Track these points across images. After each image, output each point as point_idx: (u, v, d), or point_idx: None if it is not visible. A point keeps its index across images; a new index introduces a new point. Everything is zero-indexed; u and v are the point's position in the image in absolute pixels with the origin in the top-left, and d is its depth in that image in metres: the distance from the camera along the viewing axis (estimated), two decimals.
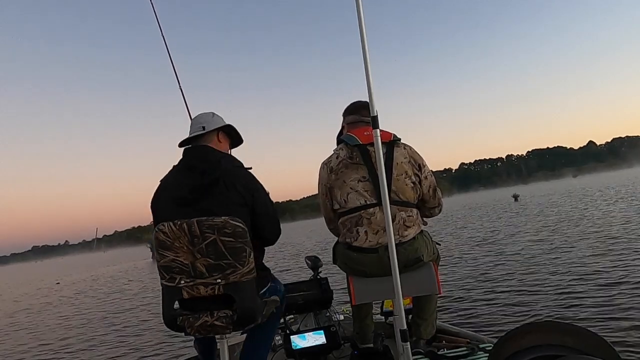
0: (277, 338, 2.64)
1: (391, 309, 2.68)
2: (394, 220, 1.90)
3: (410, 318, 2.38)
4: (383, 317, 2.89)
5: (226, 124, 2.04)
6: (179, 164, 1.91)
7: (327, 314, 2.91)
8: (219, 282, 1.66)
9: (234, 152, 2.12)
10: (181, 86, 2.81)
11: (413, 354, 1.92)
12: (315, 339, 2.39)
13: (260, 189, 1.89)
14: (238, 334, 2.53)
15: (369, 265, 1.98)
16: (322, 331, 2.41)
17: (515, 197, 35.06)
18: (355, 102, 2.26)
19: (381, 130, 1.81)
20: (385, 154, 1.97)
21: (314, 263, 2.95)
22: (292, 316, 2.97)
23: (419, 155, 2.10)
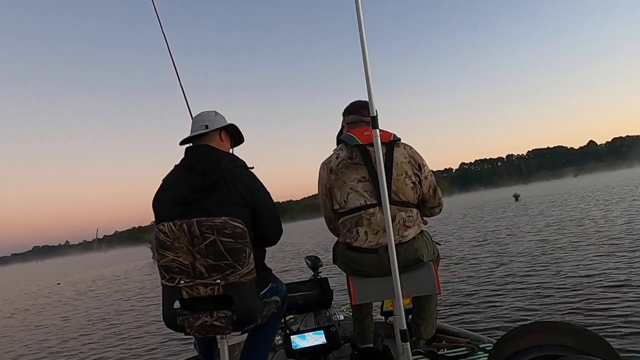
0: (277, 338, 2.64)
1: (391, 309, 2.68)
2: (393, 221, 1.90)
3: (410, 318, 2.38)
4: (383, 317, 2.89)
5: (229, 124, 2.03)
6: (180, 164, 1.91)
7: (327, 314, 2.90)
8: (219, 283, 1.66)
9: (235, 152, 2.12)
10: (182, 85, 2.81)
11: (413, 354, 1.92)
12: (315, 339, 2.39)
13: (261, 189, 1.89)
14: (238, 334, 2.53)
15: (369, 266, 1.98)
16: (322, 331, 2.41)
17: (516, 196, 35.02)
18: (355, 101, 2.26)
19: (381, 130, 1.80)
20: (385, 154, 1.96)
21: (314, 263, 2.95)
22: (292, 316, 2.97)
23: (419, 155, 2.10)
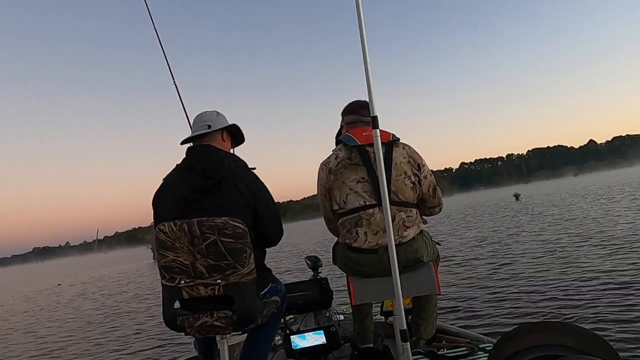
0: (277, 338, 2.64)
1: (391, 309, 2.68)
2: (393, 221, 1.90)
3: (410, 318, 2.37)
4: (383, 317, 2.89)
5: (231, 124, 2.04)
6: (181, 163, 1.91)
7: (327, 314, 2.90)
8: (219, 283, 1.67)
9: (235, 152, 2.12)
10: (177, 85, 2.80)
11: (413, 354, 1.92)
12: (315, 339, 2.39)
13: (262, 189, 1.89)
14: (238, 334, 2.53)
15: (369, 266, 1.98)
16: (322, 331, 2.40)
17: (517, 196, 35.00)
18: (354, 101, 2.25)
19: (380, 130, 1.81)
20: (383, 154, 1.96)
21: (314, 263, 2.95)
22: (292, 316, 2.97)
23: (418, 155, 2.10)
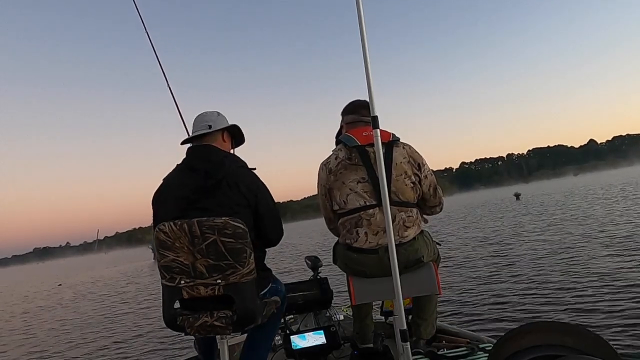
0: (277, 338, 2.64)
1: (391, 309, 2.68)
2: (393, 221, 1.89)
3: (410, 318, 2.37)
4: (383, 317, 2.88)
5: (232, 124, 2.04)
6: (182, 163, 1.91)
7: (327, 314, 2.90)
8: (219, 283, 1.66)
9: (235, 152, 2.12)
10: (170, 86, 2.80)
11: (413, 354, 1.92)
12: (315, 339, 2.39)
13: (263, 189, 1.89)
14: (238, 333, 2.53)
15: (369, 266, 1.98)
16: (322, 331, 2.40)
17: (517, 195, 34.99)
18: (354, 101, 2.25)
19: (380, 130, 1.80)
20: (384, 154, 1.95)
21: (314, 263, 2.94)
22: (292, 316, 2.97)
23: (419, 154, 2.09)
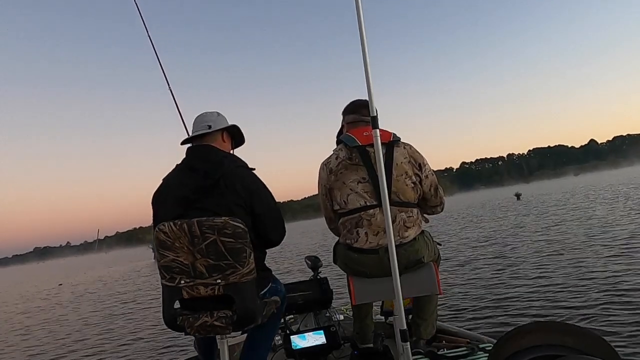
0: (277, 338, 2.64)
1: (391, 309, 2.68)
2: (394, 222, 1.89)
3: (410, 318, 2.37)
4: (383, 317, 2.89)
5: (232, 124, 2.04)
6: (181, 163, 1.91)
7: (327, 314, 2.90)
8: (219, 283, 1.67)
9: (235, 152, 2.12)
10: (170, 86, 2.80)
11: (413, 354, 1.92)
12: (315, 339, 2.39)
13: (261, 189, 1.88)
14: (238, 334, 2.53)
15: (370, 266, 1.98)
16: (322, 331, 2.40)
17: (518, 195, 34.96)
18: (355, 100, 2.25)
19: (381, 130, 1.80)
20: (384, 154, 1.95)
21: (314, 263, 2.94)
22: (292, 316, 2.97)
23: (420, 154, 2.09)
